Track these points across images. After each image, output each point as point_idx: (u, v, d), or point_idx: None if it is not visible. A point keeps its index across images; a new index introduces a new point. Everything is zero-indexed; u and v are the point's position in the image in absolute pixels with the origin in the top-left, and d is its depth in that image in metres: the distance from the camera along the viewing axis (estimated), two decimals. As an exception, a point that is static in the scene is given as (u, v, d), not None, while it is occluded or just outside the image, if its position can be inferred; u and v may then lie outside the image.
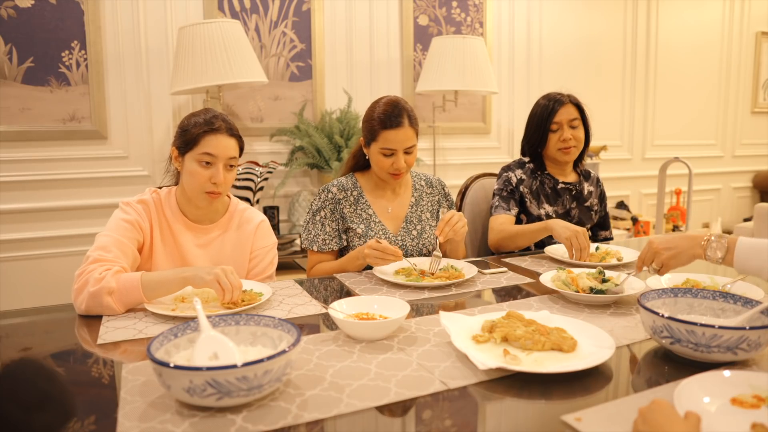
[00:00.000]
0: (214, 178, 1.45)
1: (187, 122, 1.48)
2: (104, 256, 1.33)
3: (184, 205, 1.54)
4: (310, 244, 1.78)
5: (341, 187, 1.79)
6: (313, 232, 1.78)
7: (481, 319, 1.14)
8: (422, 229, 1.85)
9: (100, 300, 1.24)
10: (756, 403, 0.79)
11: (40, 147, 2.75)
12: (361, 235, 1.77)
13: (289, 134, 3.21)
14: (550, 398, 0.86)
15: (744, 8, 4.95)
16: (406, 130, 1.68)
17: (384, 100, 1.73)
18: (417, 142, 1.74)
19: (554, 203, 2.09)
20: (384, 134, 1.68)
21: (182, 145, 1.47)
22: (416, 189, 1.89)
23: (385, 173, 1.74)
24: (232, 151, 1.48)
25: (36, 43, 2.68)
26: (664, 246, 1.31)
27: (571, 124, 2.02)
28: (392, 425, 0.81)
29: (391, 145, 1.68)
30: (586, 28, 4.23)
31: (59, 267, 2.80)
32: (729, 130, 5.12)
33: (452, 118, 3.75)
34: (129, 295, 1.26)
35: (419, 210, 1.87)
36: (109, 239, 1.39)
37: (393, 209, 1.83)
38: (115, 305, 1.25)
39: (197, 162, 1.45)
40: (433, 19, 3.64)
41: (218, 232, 1.57)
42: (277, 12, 3.19)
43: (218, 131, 1.45)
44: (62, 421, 0.60)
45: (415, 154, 1.74)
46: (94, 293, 1.24)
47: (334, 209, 1.77)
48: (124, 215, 1.46)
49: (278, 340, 0.97)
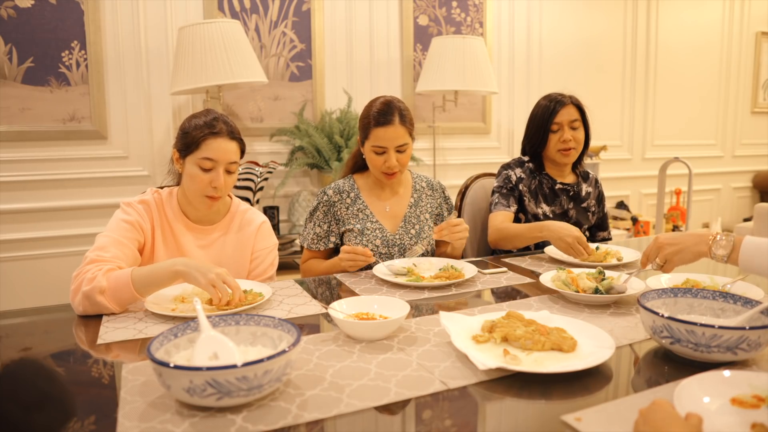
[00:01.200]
0: (214, 182, 1.44)
1: (188, 124, 1.47)
2: (102, 256, 1.33)
3: (185, 205, 1.54)
4: (303, 240, 1.86)
5: (337, 190, 1.81)
6: (307, 230, 1.84)
7: (481, 319, 1.14)
8: (420, 229, 1.85)
9: (93, 299, 1.24)
10: (756, 403, 0.79)
11: (40, 147, 2.75)
12: (358, 233, 1.77)
13: (289, 134, 3.21)
14: (550, 398, 0.86)
15: (744, 8, 4.95)
16: (396, 128, 1.69)
17: (379, 100, 1.74)
18: (410, 142, 1.74)
19: (552, 203, 2.10)
20: (375, 132, 1.70)
21: (183, 147, 1.46)
22: (416, 190, 1.90)
23: (378, 172, 1.75)
24: (233, 155, 1.47)
25: (36, 43, 2.68)
26: (669, 242, 1.30)
27: (571, 125, 2.03)
28: (392, 425, 0.81)
29: (381, 143, 1.70)
30: (586, 28, 4.23)
31: (59, 267, 2.80)
32: (729, 130, 5.12)
33: (452, 118, 3.75)
34: (121, 292, 1.25)
35: (418, 210, 1.87)
36: (108, 239, 1.38)
37: (391, 208, 1.84)
38: (108, 304, 1.24)
39: (197, 166, 1.44)
40: (433, 19, 3.64)
41: (219, 233, 1.57)
42: (277, 12, 3.19)
43: (219, 135, 1.44)
44: (62, 421, 0.60)
45: (408, 153, 1.75)
46: (87, 293, 1.24)
47: (328, 212, 1.80)
48: (125, 216, 1.45)
49: (278, 340, 0.97)
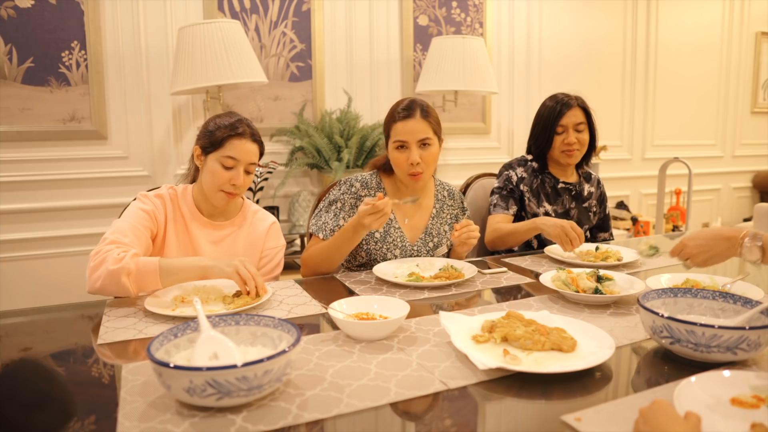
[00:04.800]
0: (233, 180, 1.52)
1: (214, 124, 1.55)
2: (120, 239, 1.38)
3: (200, 202, 1.60)
4: (318, 230, 1.72)
5: (365, 184, 1.74)
6: (323, 219, 1.72)
7: (481, 319, 1.15)
8: (438, 243, 1.80)
9: (117, 279, 1.28)
10: (756, 403, 0.79)
11: (40, 147, 2.75)
12: (378, 239, 1.72)
13: (289, 134, 3.21)
14: (550, 398, 0.86)
15: (744, 9, 4.95)
16: (417, 121, 1.64)
17: (404, 100, 1.72)
18: (435, 140, 1.68)
19: (554, 202, 2.10)
20: (395, 126, 1.67)
21: (207, 145, 1.54)
22: (438, 199, 1.84)
23: (404, 173, 1.68)
24: (254, 157, 1.55)
25: (36, 43, 2.68)
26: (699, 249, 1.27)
27: (576, 128, 2.03)
28: (392, 425, 0.81)
29: (401, 137, 1.65)
30: (586, 28, 4.23)
31: (59, 267, 2.80)
32: (729, 130, 5.12)
33: (452, 118, 3.75)
34: (145, 278, 1.31)
35: (439, 222, 1.82)
36: (126, 225, 1.44)
37: (411, 219, 1.77)
38: (130, 287, 1.30)
39: (220, 163, 1.51)
40: (433, 19, 3.64)
41: (231, 230, 1.62)
42: (277, 12, 3.19)
43: (243, 136, 1.53)
44: (62, 421, 0.60)
45: (432, 153, 1.67)
46: (113, 272, 1.28)
47: (354, 204, 1.71)
48: (142, 205, 1.52)
49: (278, 340, 0.97)
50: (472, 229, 1.62)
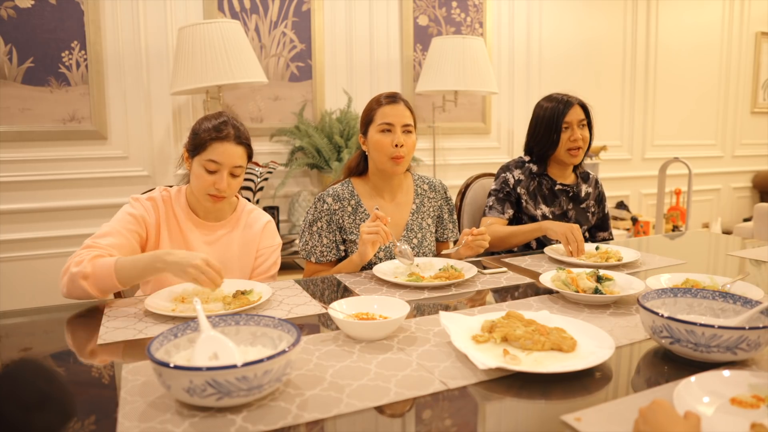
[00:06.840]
0: (217, 184, 1.49)
1: (199, 126, 1.52)
2: (97, 242, 1.38)
3: (194, 203, 1.59)
4: (308, 255, 1.76)
5: (337, 197, 1.75)
6: (310, 243, 1.75)
7: (480, 319, 1.14)
8: (423, 237, 1.82)
9: (76, 282, 1.29)
10: (755, 403, 0.79)
11: (40, 147, 2.75)
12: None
13: (289, 134, 3.21)
14: (550, 398, 0.86)
15: (744, 9, 4.95)
16: (402, 108, 1.72)
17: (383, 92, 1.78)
18: (414, 130, 1.74)
19: (551, 204, 2.10)
20: (381, 110, 1.71)
21: (192, 148, 1.52)
22: (418, 194, 1.85)
23: (386, 158, 1.70)
24: (238, 160, 1.50)
25: (36, 43, 2.68)
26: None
27: (580, 123, 2.03)
28: (392, 425, 0.81)
29: (388, 119, 1.70)
30: (586, 28, 4.23)
31: (59, 267, 2.76)
32: (729, 130, 5.12)
33: (452, 119, 3.75)
34: (103, 280, 1.29)
35: (420, 217, 1.83)
36: (109, 228, 1.44)
37: (393, 217, 1.78)
38: (90, 290, 1.29)
39: (203, 167, 1.49)
40: (433, 19, 3.64)
41: (226, 230, 1.61)
42: (277, 12, 3.19)
43: (226, 139, 1.48)
44: (62, 421, 0.60)
45: (413, 140, 1.74)
46: (72, 276, 1.29)
47: (330, 220, 1.74)
48: (131, 209, 1.51)
49: (278, 340, 0.97)
50: (485, 239, 1.68)
